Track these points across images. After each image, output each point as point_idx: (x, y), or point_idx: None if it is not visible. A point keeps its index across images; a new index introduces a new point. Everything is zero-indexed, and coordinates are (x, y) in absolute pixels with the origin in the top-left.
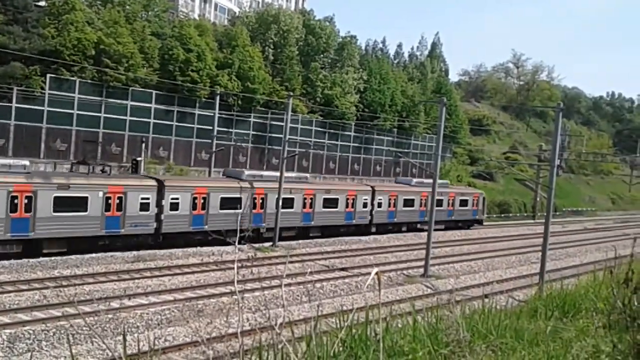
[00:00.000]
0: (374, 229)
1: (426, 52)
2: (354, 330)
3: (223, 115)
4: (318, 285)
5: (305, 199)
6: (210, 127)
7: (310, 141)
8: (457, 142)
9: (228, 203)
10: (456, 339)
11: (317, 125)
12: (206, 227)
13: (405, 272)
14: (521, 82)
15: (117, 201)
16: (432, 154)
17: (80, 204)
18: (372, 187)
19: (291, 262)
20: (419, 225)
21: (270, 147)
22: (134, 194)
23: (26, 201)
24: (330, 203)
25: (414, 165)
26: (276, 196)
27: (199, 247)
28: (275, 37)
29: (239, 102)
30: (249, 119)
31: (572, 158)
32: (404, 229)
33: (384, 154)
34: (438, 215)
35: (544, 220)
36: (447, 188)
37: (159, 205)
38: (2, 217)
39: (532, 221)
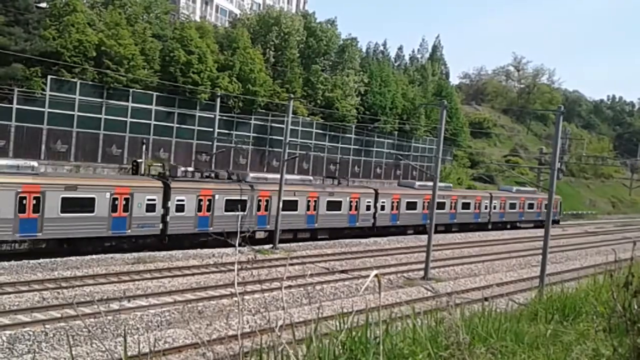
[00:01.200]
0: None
1: (427, 55)
2: (354, 333)
3: (224, 117)
4: (318, 287)
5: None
6: (211, 129)
7: (311, 143)
8: (458, 145)
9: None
10: (456, 342)
11: (318, 127)
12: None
13: (405, 274)
14: (522, 85)
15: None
16: (432, 156)
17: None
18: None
19: (291, 264)
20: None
21: (270, 149)
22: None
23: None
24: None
25: (415, 167)
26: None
27: (199, 249)
28: (276, 39)
29: (240, 104)
30: (250, 121)
31: (573, 161)
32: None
33: (384, 156)
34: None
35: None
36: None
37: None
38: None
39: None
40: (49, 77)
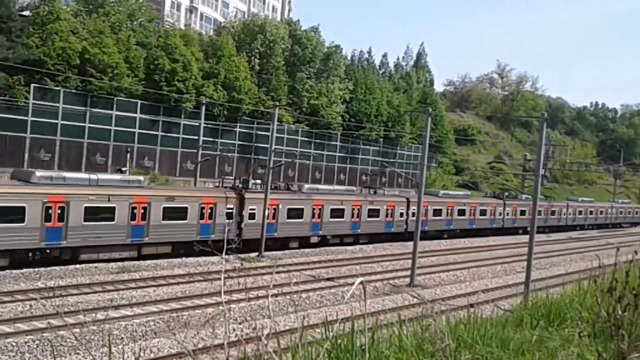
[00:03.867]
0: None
1: (411, 63)
2: (339, 341)
3: (209, 125)
4: (304, 295)
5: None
6: (196, 137)
7: (297, 151)
8: (443, 152)
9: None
10: (442, 349)
11: (303, 135)
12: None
13: (391, 281)
14: (506, 92)
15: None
16: (417, 163)
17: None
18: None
19: (277, 272)
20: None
21: (256, 157)
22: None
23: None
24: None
25: (400, 175)
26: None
27: (184, 258)
28: (261, 47)
29: (225, 112)
30: (235, 129)
31: (557, 168)
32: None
33: (370, 163)
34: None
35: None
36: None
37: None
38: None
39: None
40: (32, 85)
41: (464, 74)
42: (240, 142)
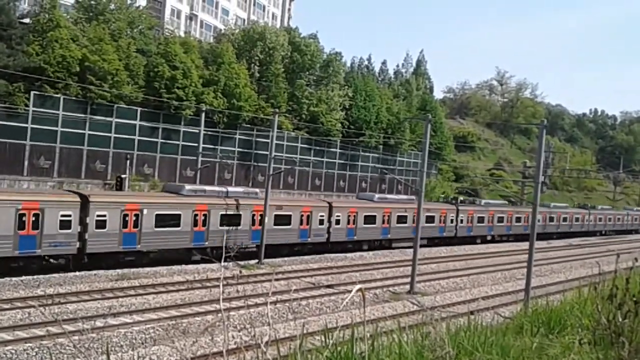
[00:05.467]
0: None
1: (411, 70)
2: (339, 348)
3: (208, 133)
4: (304, 302)
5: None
6: (196, 144)
7: (296, 158)
8: (442, 159)
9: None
10: (442, 356)
11: (303, 142)
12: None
13: (391, 288)
14: (505, 99)
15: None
16: (417, 170)
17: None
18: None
19: (277, 279)
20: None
21: (256, 164)
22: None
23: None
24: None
25: (400, 182)
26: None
27: (183, 265)
28: (261, 54)
29: (225, 119)
30: (235, 136)
31: (556, 175)
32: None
33: (369, 170)
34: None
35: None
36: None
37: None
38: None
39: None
40: (32, 92)
41: (463, 80)
42: (240, 149)
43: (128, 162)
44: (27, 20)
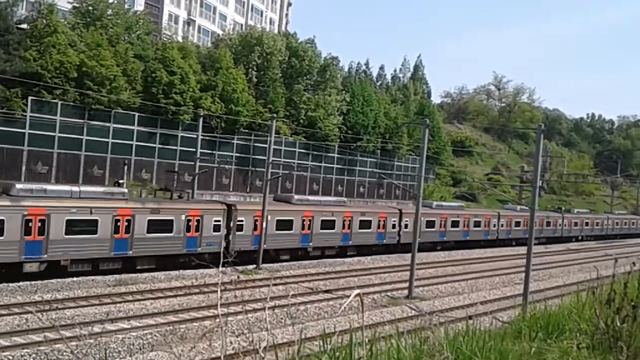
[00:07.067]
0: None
1: (409, 74)
2: (337, 353)
3: (206, 138)
4: (302, 307)
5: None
6: (193, 149)
7: (294, 163)
8: (440, 164)
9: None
10: None
11: (301, 147)
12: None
13: (389, 293)
14: (503, 104)
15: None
16: (415, 175)
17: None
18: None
19: (275, 284)
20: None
21: (253, 169)
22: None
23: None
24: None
25: (398, 186)
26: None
27: (181, 270)
28: (258, 59)
29: (222, 124)
30: (233, 141)
31: (554, 179)
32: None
33: (367, 175)
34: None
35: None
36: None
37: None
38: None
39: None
40: (30, 98)
41: (461, 85)
42: (238, 154)
43: (126, 167)
44: (24, 26)
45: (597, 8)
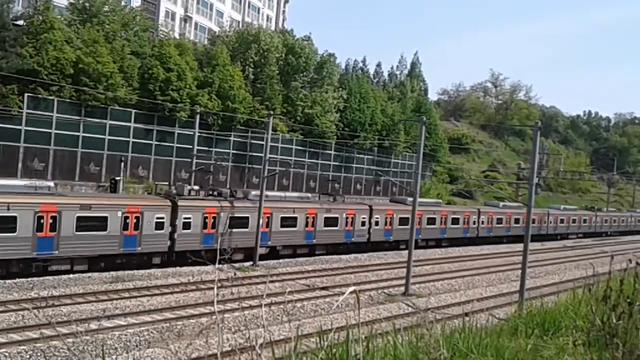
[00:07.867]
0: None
1: (406, 72)
2: (334, 350)
3: (203, 135)
4: (298, 304)
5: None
6: (190, 146)
7: (291, 160)
8: (437, 161)
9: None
10: (436, 358)
11: (298, 144)
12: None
13: (386, 290)
14: (499, 101)
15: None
16: (412, 172)
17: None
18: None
19: (271, 281)
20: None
21: (250, 166)
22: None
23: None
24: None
25: (395, 183)
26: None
27: (178, 267)
28: (255, 56)
29: (219, 121)
30: (229, 138)
31: (551, 176)
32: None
33: (364, 172)
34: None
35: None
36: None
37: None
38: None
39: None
40: (26, 95)
41: (457, 83)
42: (235, 151)
43: (122, 164)
44: (20, 22)
45: (594, 6)
